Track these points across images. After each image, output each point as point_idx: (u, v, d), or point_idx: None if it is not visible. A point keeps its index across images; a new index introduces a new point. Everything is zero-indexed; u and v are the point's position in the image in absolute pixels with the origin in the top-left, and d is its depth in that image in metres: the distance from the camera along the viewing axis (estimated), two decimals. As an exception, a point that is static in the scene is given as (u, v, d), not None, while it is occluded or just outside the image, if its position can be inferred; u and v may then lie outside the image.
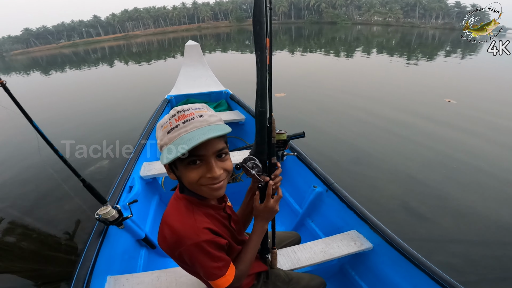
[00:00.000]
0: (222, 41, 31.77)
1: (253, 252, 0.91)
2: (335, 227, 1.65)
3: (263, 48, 0.74)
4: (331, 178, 1.73)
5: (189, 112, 0.66)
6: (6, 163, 4.15)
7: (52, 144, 1.21)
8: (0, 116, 4.60)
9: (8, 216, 2.96)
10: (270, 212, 0.87)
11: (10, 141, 4.91)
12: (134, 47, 34.43)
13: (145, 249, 1.67)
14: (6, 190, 3.43)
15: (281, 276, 1.13)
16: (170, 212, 0.78)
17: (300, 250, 1.37)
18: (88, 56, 27.66)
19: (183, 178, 0.71)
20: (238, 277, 0.83)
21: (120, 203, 1.47)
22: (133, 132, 3.40)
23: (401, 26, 55.16)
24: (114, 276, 1.23)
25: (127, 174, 1.71)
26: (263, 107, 0.77)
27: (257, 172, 0.83)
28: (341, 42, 22.82)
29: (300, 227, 1.98)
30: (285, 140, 0.93)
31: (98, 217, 1.24)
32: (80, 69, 16.40)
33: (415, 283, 1.22)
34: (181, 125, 0.64)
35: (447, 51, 15.32)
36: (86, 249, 1.20)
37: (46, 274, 2.30)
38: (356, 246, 1.40)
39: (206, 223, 0.75)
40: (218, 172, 0.68)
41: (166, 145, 0.66)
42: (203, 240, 0.71)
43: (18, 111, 1.12)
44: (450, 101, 5.72)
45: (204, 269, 0.75)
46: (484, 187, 3.00)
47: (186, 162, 0.66)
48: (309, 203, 1.87)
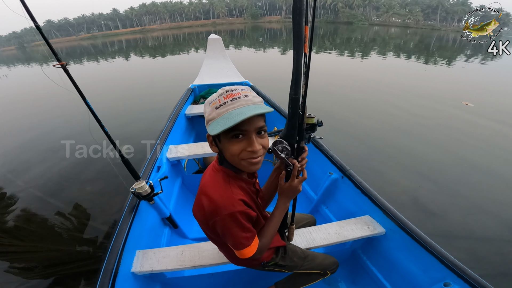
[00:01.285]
0: (236, 37, 31.82)
1: (275, 227, 0.97)
2: (348, 212, 1.69)
3: (301, 36, 0.73)
4: (346, 165, 1.76)
5: (236, 92, 0.71)
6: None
7: (100, 120, 1.34)
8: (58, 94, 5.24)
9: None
10: (293, 191, 0.92)
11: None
12: (150, 41, 34.91)
13: (168, 228, 1.79)
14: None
15: (297, 252, 1.21)
16: (209, 183, 0.83)
17: (315, 231, 1.43)
18: (106, 48, 28.28)
19: (225, 150, 0.77)
20: (260, 249, 0.91)
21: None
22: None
23: (420, 29, 53.63)
24: (142, 250, 1.35)
25: (155, 155, 1.85)
26: (297, 94, 0.81)
27: (286, 155, 0.88)
28: (356, 43, 22.48)
29: (315, 213, 2.02)
30: (313, 124, 0.98)
31: (133, 190, 1.36)
32: (98, 61, 16.82)
33: (426, 268, 1.24)
34: (229, 102, 0.70)
35: (468, 55, 14.88)
36: (120, 224, 1.31)
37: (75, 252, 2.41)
38: (369, 230, 1.43)
39: (241, 195, 0.82)
40: (258, 146, 0.73)
41: (214, 119, 0.72)
42: (238, 210, 0.78)
43: (74, 91, 1.23)
44: (467, 104, 5.68)
45: (234, 239, 0.82)
46: (495, 187, 3.05)
47: (231, 135, 0.72)
48: (324, 190, 1.91)
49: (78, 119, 4.94)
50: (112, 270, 1.10)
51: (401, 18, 65.49)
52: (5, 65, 20.31)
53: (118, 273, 1.12)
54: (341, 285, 1.62)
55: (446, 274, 1.13)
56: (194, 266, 1.25)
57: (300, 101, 0.80)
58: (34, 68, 16.33)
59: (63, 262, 2.29)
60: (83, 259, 2.30)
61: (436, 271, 1.17)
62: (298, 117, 0.84)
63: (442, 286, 1.12)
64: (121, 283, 1.12)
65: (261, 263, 1.11)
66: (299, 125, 0.83)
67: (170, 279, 1.45)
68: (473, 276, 1.06)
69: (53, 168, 3.72)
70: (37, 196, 3.13)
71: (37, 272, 2.20)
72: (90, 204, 2.98)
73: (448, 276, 1.12)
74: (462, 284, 1.08)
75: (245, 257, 0.86)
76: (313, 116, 1.01)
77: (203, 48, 19.31)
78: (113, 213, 2.80)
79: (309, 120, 1.00)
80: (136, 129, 4.65)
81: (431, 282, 1.19)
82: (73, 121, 5.07)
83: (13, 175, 3.59)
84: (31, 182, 3.41)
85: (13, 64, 20.85)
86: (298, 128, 0.84)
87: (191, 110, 2.87)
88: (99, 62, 16.56)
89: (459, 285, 1.09)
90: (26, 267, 2.30)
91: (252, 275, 1.50)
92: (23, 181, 3.46)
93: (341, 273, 1.64)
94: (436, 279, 1.17)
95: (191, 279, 1.49)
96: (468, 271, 1.08)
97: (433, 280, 1.19)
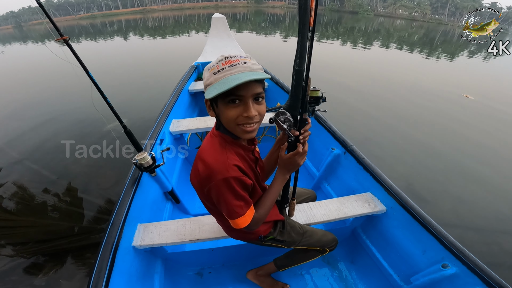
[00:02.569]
0: (238, 21, 31.15)
1: (273, 198, 0.96)
2: (350, 189, 1.69)
3: (307, 9, 0.73)
4: (349, 141, 1.74)
5: (235, 59, 0.71)
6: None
7: (103, 92, 1.32)
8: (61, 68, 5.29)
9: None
10: (293, 164, 0.90)
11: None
12: (150, 21, 34.03)
13: (170, 202, 1.79)
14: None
15: (296, 227, 1.21)
16: (206, 148, 0.83)
17: (316, 206, 1.42)
18: (105, 28, 27.56)
19: (222, 115, 0.76)
20: (256, 220, 0.89)
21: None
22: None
23: (426, 22, 52.74)
24: (144, 224, 1.35)
25: (159, 128, 1.83)
26: (301, 67, 0.79)
27: (288, 126, 0.86)
28: (360, 33, 22.10)
29: (316, 189, 2.02)
30: (318, 97, 0.98)
31: (135, 162, 1.35)
32: (96, 41, 16.41)
33: (425, 249, 1.24)
34: (227, 68, 0.70)
35: (471, 51, 14.76)
36: (122, 196, 1.30)
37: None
38: (370, 207, 1.42)
39: (236, 160, 0.81)
40: (254, 112, 0.73)
41: (212, 84, 0.72)
42: (232, 176, 0.76)
43: (77, 64, 1.23)
44: (468, 96, 5.71)
45: (228, 206, 0.80)
46: (487, 180, 3.12)
47: (227, 100, 0.72)
48: (326, 165, 1.90)
49: (79, 92, 4.96)
50: (113, 244, 1.10)
51: (408, 11, 64.21)
52: (2, 43, 19.83)
53: (119, 247, 1.12)
54: (340, 264, 1.64)
55: (445, 255, 1.14)
56: (193, 240, 1.25)
57: (304, 73, 0.80)
58: (30, 45, 15.96)
59: (56, 237, 2.25)
60: (76, 234, 2.28)
61: (435, 252, 1.18)
62: (302, 89, 0.83)
63: (440, 267, 1.12)
64: (122, 257, 1.12)
65: (258, 237, 1.10)
66: (302, 96, 0.83)
67: (170, 254, 1.46)
68: (471, 258, 1.06)
69: (49, 140, 3.69)
70: (32, 168, 3.09)
71: (29, 248, 2.16)
72: (86, 177, 2.95)
73: (447, 257, 1.13)
74: (460, 266, 1.08)
75: (239, 227, 0.84)
76: (318, 89, 0.99)
77: (203, 31, 18.91)
78: (109, 187, 2.78)
79: (313, 93, 0.99)
80: (138, 108, 4.63)
81: (430, 263, 1.20)
82: (74, 93, 5.06)
83: (8, 146, 3.56)
84: (26, 154, 3.38)
85: (9, 42, 20.38)
86: (301, 99, 0.84)
87: (194, 86, 2.85)
88: (97, 41, 16.17)
89: (457, 267, 1.09)
90: (18, 242, 2.24)
91: (252, 251, 1.52)
92: (18, 153, 3.43)
93: (340, 252, 1.66)
94: (435, 260, 1.18)
95: (191, 254, 1.51)
96: (467, 253, 1.07)
97: (431, 261, 1.19)
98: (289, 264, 1.41)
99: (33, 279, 1.93)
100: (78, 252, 2.14)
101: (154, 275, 1.36)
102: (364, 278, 1.54)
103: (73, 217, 2.46)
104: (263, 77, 0.71)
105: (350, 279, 1.56)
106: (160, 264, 1.42)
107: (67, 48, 1.20)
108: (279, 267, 1.43)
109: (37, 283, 1.90)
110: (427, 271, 1.19)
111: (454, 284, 1.10)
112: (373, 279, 1.50)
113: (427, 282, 1.19)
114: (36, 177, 2.98)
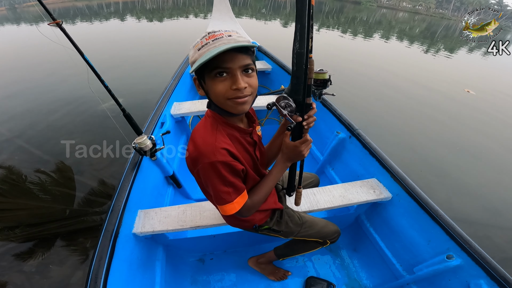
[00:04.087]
0: (238, 5, 30.35)
1: (270, 185, 0.91)
2: (355, 175, 1.65)
3: None
4: (355, 124, 1.70)
5: (219, 33, 0.68)
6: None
7: (100, 75, 1.27)
8: (55, 52, 5.25)
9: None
10: (297, 153, 0.86)
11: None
12: (149, 3, 33.02)
13: (172, 187, 1.76)
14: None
15: (295, 217, 1.16)
16: (198, 128, 0.81)
17: (320, 192, 1.38)
18: (101, 10, 26.70)
19: (210, 91, 0.73)
20: (249, 207, 0.85)
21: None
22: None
23: (429, 16, 52.11)
24: (144, 210, 1.32)
25: (159, 111, 1.78)
26: (301, 49, 0.74)
27: (289, 112, 0.81)
28: (361, 23, 21.78)
29: (320, 174, 1.98)
30: (325, 79, 0.91)
31: (134, 146, 1.31)
32: (91, 22, 15.89)
33: (430, 238, 1.21)
34: (210, 43, 0.67)
35: (471, 47, 14.68)
36: (122, 182, 1.26)
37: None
38: (375, 194, 1.38)
39: (226, 144, 0.76)
40: (243, 84, 0.69)
41: (196, 60, 0.69)
42: (218, 160, 0.73)
43: (72, 48, 1.20)
44: (469, 91, 5.75)
45: (214, 192, 0.78)
46: (482, 172, 3.19)
47: (214, 73, 0.69)
48: (330, 149, 1.86)
49: (73, 76, 4.87)
50: (113, 231, 1.07)
51: (412, 4, 63.34)
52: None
53: (119, 234, 1.10)
54: (343, 252, 1.63)
55: (450, 245, 1.12)
56: (195, 226, 1.23)
57: (304, 55, 0.74)
58: (23, 27, 15.40)
59: (46, 220, 2.18)
60: (68, 217, 2.21)
61: (440, 242, 1.16)
62: (303, 72, 0.78)
63: (445, 258, 1.10)
64: (122, 244, 1.10)
65: (253, 225, 1.06)
66: (304, 80, 0.78)
67: (172, 240, 1.44)
68: (477, 249, 1.04)
69: (41, 119, 3.60)
70: (22, 147, 3.01)
71: (19, 232, 2.09)
72: (79, 157, 2.85)
73: (452, 248, 1.11)
74: (465, 258, 1.06)
75: (226, 214, 0.81)
76: (325, 72, 0.92)
77: (201, 15, 18.43)
78: (102, 168, 2.71)
79: (320, 75, 0.91)
80: (139, 89, 4.54)
81: (434, 253, 1.18)
82: (69, 75, 4.91)
83: None
84: (17, 132, 3.28)
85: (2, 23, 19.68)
86: (304, 83, 0.78)
87: None
88: (92, 23, 15.66)
89: (462, 258, 1.07)
90: (6, 226, 2.15)
91: (254, 237, 1.50)
92: (7, 130, 3.32)
93: (343, 240, 1.65)
94: (439, 250, 1.16)
95: (192, 241, 1.50)
96: (473, 244, 1.05)
97: (436, 251, 1.18)
98: (289, 254, 1.40)
99: (23, 265, 1.88)
100: (69, 236, 2.09)
101: (155, 262, 1.34)
102: (366, 266, 1.54)
103: (65, 199, 2.38)
104: (245, 45, 0.67)
105: (352, 267, 1.56)
106: (161, 251, 1.40)
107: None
108: (278, 256, 1.42)
109: (26, 269, 1.85)
110: (431, 262, 1.18)
111: (458, 276, 1.10)
112: (376, 267, 1.50)
113: (430, 273, 1.17)
114: (27, 157, 2.88)
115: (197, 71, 0.72)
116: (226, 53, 0.65)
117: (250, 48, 0.70)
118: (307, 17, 0.71)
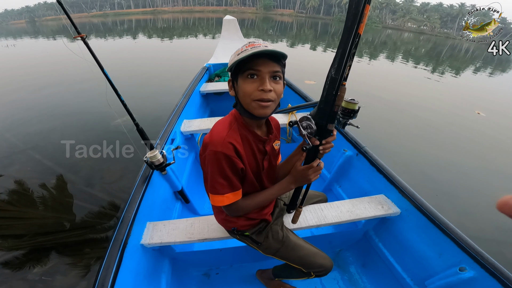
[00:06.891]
0: (245, 27, 31.44)
1: (266, 197, 0.94)
2: (362, 191, 1.64)
3: (358, 14, 0.68)
4: (362, 142, 1.71)
5: (258, 43, 0.76)
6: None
7: (117, 90, 1.33)
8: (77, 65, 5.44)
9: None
10: (304, 177, 0.88)
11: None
12: (160, 22, 34.44)
13: (180, 202, 1.78)
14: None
15: (278, 234, 1.11)
16: (219, 121, 0.88)
17: (327, 208, 1.39)
18: (115, 27, 27.95)
19: (240, 90, 0.79)
20: (237, 208, 0.89)
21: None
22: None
23: (434, 36, 52.92)
24: (153, 222, 1.34)
25: (170, 127, 1.83)
26: (337, 75, 0.75)
27: (309, 133, 0.81)
28: (367, 44, 22.21)
29: (327, 192, 1.98)
30: (354, 110, 0.91)
31: (146, 159, 1.34)
32: (106, 39, 16.62)
33: (441, 252, 1.19)
34: (249, 50, 0.74)
35: (477, 67, 14.75)
36: (132, 194, 1.28)
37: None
38: (383, 209, 1.37)
39: (234, 140, 0.82)
40: (269, 86, 0.75)
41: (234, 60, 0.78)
42: (221, 151, 0.79)
43: (92, 61, 1.27)
44: (479, 113, 5.72)
45: (211, 180, 0.83)
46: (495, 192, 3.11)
47: (246, 75, 0.76)
48: (337, 167, 1.87)
49: (92, 89, 4.97)
50: (122, 241, 1.09)
51: (417, 24, 64.60)
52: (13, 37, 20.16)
53: (127, 245, 1.11)
54: (351, 267, 1.60)
55: (462, 258, 1.10)
56: (202, 239, 1.24)
57: (337, 81, 0.75)
58: (40, 41, 16.18)
59: (54, 230, 2.20)
60: (76, 228, 2.23)
61: (452, 254, 1.14)
62: (333, 98, 0.78)
63: (457, 271, 1.08)
64: (130, 254, 1.11)
65: (232, 228, 1.09)
66: (331, 106, 0.79)
67: (178, 253, 1.44)
68: (490, 261, 1.01)
69: (54, 131, 3.69)
70: (35, 158, 3.07)
71: (26, 241, 2.10)
72: (90, 170, 2.92)
73: (464, 261, 1.09)
74: (478, 270, 1.04)
75: (215, 204, 0.87)
76: (356, 102, 0.91)
77: (209, 36, 19.07)
78: (112, 182, 2.75)
79: (350, 105, 0.91)
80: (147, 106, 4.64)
81: (446, 266, 1.16)
82: (88, 89, 5.09)
83: (11, 134, 3.55)
84: (30, 144, 3.36)
85: (20, 36, 20.70)
86: (330, 109, 0.79)
87: (205, 87, 2.85)
88: (107, 39, 16.37)
89: (475, 270, 1.05)
90: (14, 234, 2.18)
91: (260, 253, 1.50)
92: (22, 142, 3.42)
93: (351, 255, 1.63)
94: (452, 263, 1.13)
95: (199, 254, 1.49)
96: (486, 256, 1.03)
97: (448, 264, 1.15)
98: (281, 276, 1.38)
99: (27, 273, 1.88)
100: (76, 247, 2.10)
101: (161, 275, 1.34)
102: (375, 282, 1.51)
103: (74, 210, 2.42)
104: (278, 53, 0.75)
105: (361, 283, 1.52)
106: (167, 263, 1.40)
107: (82, 44, 1.22)
108: (274, 275, 1.40)
109: (30, 277, 1.86)
110: (443, 275, 1.15)
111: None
112: (385, 283, 1.46)
113: (443, 286, 1.15)
114: (39, 168, 2.94)
115: (232, 73, 0.81)
116: (259, 58, 0.74)
117: (281, 59, 0.78)
118: (350, 44, 0.71)
